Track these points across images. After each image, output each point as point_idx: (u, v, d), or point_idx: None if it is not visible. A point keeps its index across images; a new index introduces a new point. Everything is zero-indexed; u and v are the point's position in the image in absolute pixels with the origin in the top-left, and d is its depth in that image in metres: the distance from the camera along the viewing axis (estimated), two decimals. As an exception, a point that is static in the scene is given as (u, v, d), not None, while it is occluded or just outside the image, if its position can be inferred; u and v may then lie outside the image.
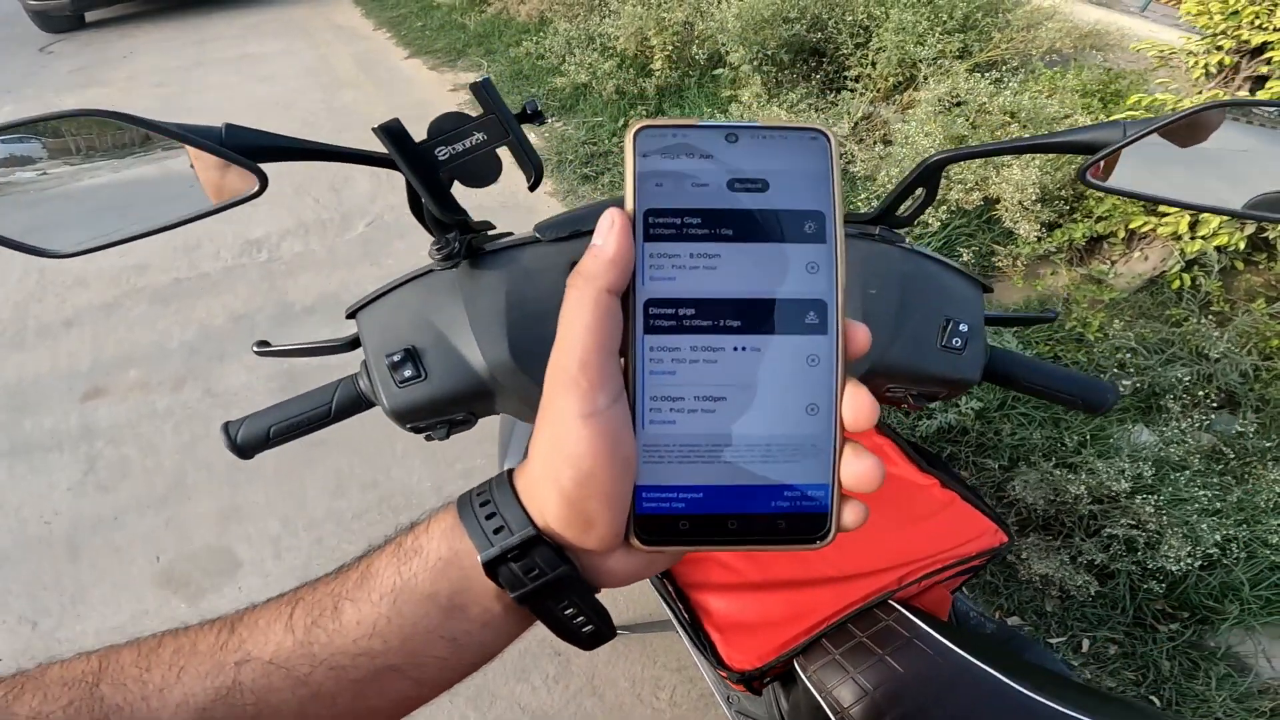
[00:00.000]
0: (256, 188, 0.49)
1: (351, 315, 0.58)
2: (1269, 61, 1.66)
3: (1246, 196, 0.47)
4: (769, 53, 2.87)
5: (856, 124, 2.66)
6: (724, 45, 2.98)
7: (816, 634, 0.82)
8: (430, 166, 0.49)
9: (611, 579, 0.32)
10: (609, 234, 0.27)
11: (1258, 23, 1.65)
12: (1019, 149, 0.49)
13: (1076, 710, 0.66)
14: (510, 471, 0.32)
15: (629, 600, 1.62)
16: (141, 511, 1.85)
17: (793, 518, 0.29)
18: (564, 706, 1.47)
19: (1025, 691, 0.69)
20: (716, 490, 0.29)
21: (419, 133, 0.50)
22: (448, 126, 0.49)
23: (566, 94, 3.56)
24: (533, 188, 0.52)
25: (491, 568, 0.30)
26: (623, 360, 0.28)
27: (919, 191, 0.56)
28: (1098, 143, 0.46)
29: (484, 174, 0.50)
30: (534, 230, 0.57)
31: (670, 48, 3.24)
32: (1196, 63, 1.80)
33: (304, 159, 0.51)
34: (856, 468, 0.29)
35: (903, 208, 0.58)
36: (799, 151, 0.28)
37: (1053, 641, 1.55)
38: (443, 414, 0.55)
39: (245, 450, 0.59)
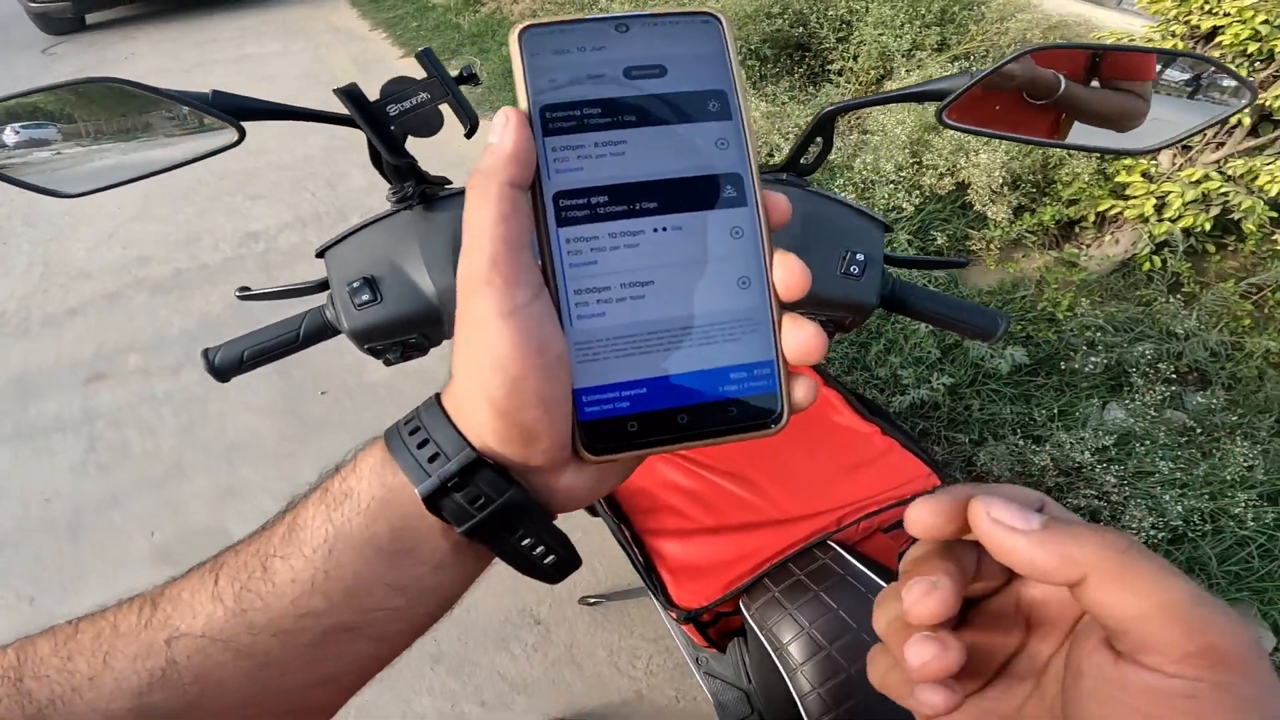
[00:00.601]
0: (236, 138, 0.57)
1: (320, 254, 0.65)
2: (1220, 46, 1.71)
3: (1070, 134, 0.54)
4: (752, 47, 2.93)
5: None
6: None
7: (759, 574, 0.87)
8: (384, 121, 0.57)
9: (566, 500, 0.29)
10: (504, 130, 0.26)
11: (1208, 8, 1.70)
12: (894, 99, 0.55)
13: None
14: (438, 395, 0.29)
15: (608, 571, 1.67)
16: (140, 491, 1.91)
17: (743, 403, 0.28)
18: (543, 675, 1.51)
19: None
20: (660, 383, 0.27)
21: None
22: (397, 88, 0.56)
23: (557, 90, 3.62)
24: (468, 135, 0.59)
25: (433, 501, 0.27)
26: (540, 262, 0.27)
27: (819, 141, 0.62)
28: (950, 89, 0.52)
29: (429, 127, 0.58)
30: None
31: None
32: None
33: (277, 118, 0.59)
34: (797, 337, 0.27)
35: (805, 158, 0.64)
36: (693, 36, 0.28)
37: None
38: (396, 335, 0.63)
39: (222, 373, 0.66)
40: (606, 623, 1.60)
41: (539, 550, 0.30)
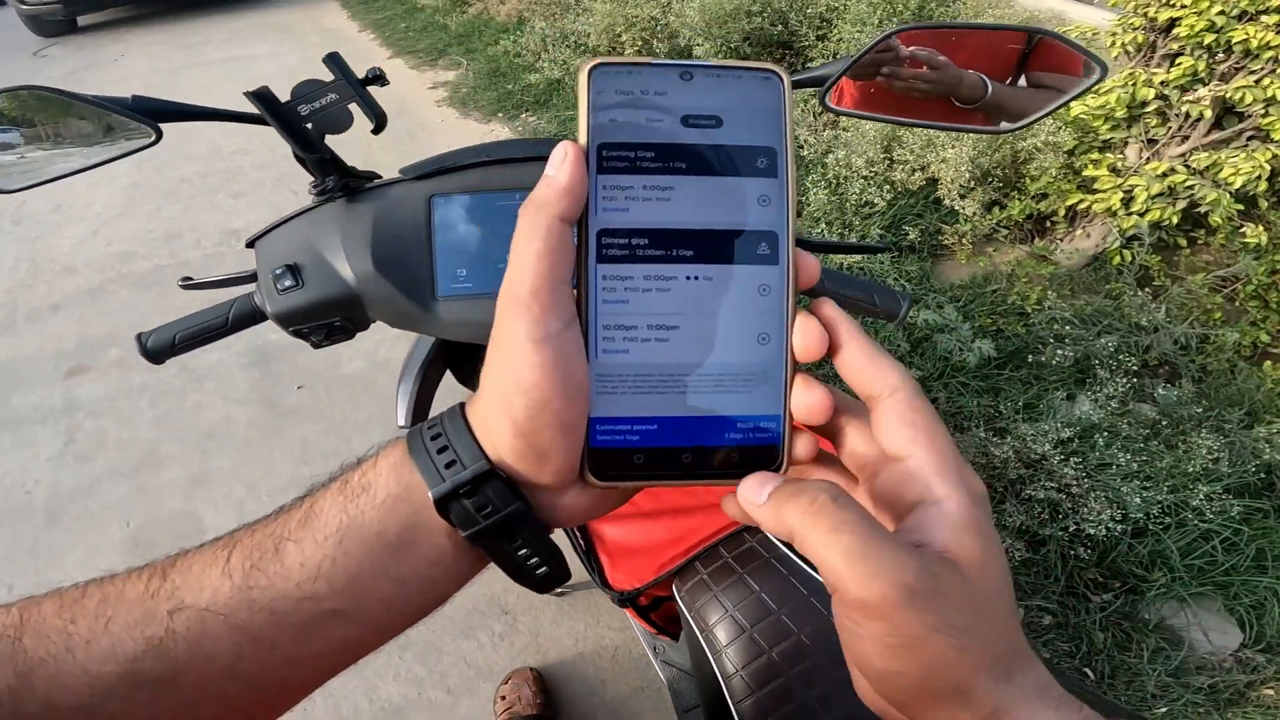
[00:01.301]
0: (153, 138, 0.60)
1: (250, 244, 0.68)
2: (1178, 38, 1.72)
3: (937, 114, 0.56)
4: (733, 46, 2.95)
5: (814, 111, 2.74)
6: (688, 39, 3.06)
7: (691, 556, 0.88)
8: (295, 120, 0.60)
9: (564, 517, 0.31)
10: (561, 165, 0.27)
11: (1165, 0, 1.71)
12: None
13: None
14: (463, 405, 0.31)
15: (574, 561, 1.68)
16: (115, 480, 1.94)
17: (746, 450, 0.29)
18: (510, 663, 1.52)
19: None
20: (670, 422, 0.29)
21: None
22: (307, 90, 0.60)
23: (540, 90, 3.65)
24: (375, 132, 0.62)
25: (443, 504, 0.29)
26: (575, 293, 0.28)
27: None
28: (827, 75, 0.54)
29: (338, 125, 0.61)
30: (399, 172, 0.66)
31: (639, 43, 3.32)
32: (1115, 42, 1.86)
33: (194, 119, 0.61)
34: (807, 399, 0.29)
35: None
36: (753, 90, 0.29)
37: (984, 609, 1.60)
38: (319, 318, 0.65)
39: (155, 355, 0.69)
40: (573, 612, 1.61)
41: (533, 561, 0.31)
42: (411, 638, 1.57)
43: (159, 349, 0.69)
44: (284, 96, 0.60)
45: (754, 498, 0.28)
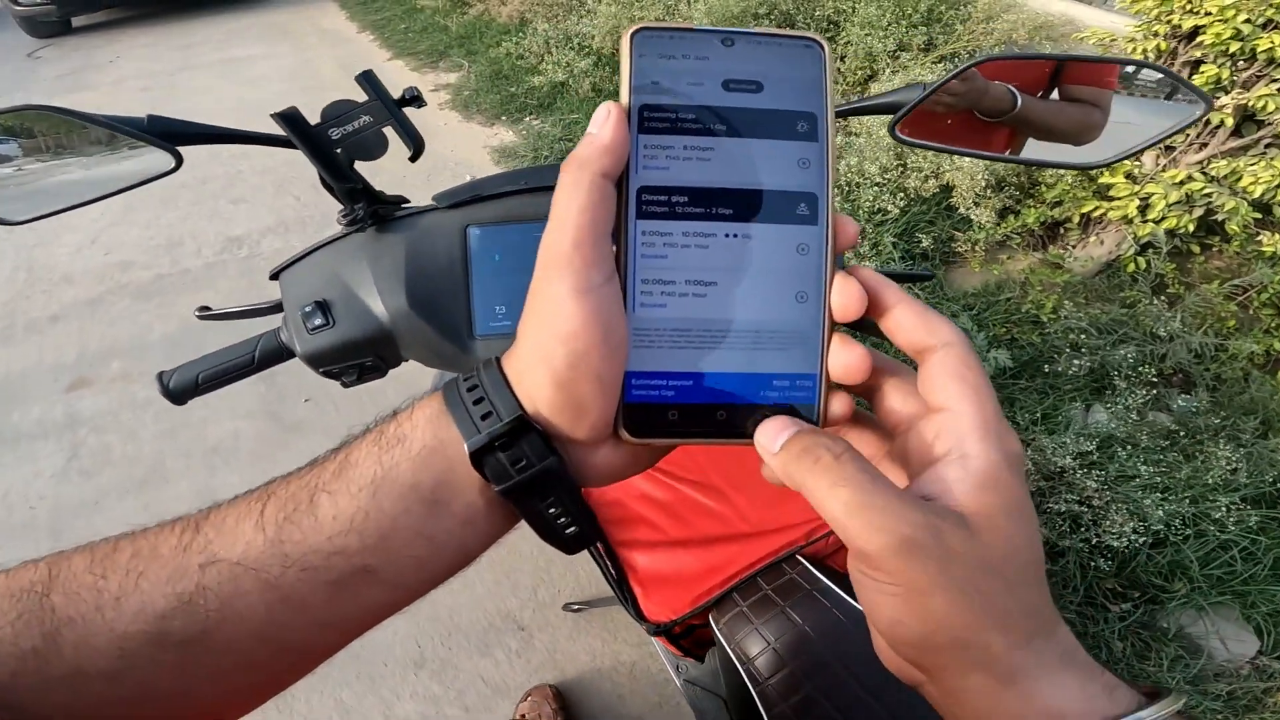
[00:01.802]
0: (172, 165, 0.56)
1: (274, 277, 0.64)
2: (1201, 45, 1.70)
3: (1025, 149, 0.53)
4: (740, 48, 2.92)
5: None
6: (696, 41, 3.03)
7: (728, 588, 0.87)
8: (325, 145, 0.56)
9: (598, 475, 0.31)
10: (604, 123, 0.27)
11: (1189, 7, 1.70)
12: (845, 113, 0.55)
13: None
14: (498, 358, 0.31)
15: (590, 577, 1.67)
16: (121, 496, 1.91)
17: (781, 409, 0.29)
18: (527, 680, 1.50)
19: None
20: (706, 378, 0.29)
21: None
22: (338, 111, 0.55)
23: (544, 92, 3.61)
24: (413, 159, 0.58)
25: (478, 457, 0.28)
26: (614, 248, 0.29)
27: None
28: (901, 102, 0.52)
29: (371, 151, 0.57)
30: (432, 199, 0.63)
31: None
32: (1135, 49, 1.85)
33: (215, 142, 0.58)
34: (845, 357, 0.29)
35: None
36: (794, 57, 0.29)
37: (1004, 620, 1.59)
38: (350, 358, 0.62)
39: (178, 396, 0.65)
40: (589, 628, 1.59)
41: (563, 520, 0.31)
42: (427, 655, 1.55)
43: (182, 389, 0.65)
44: (312, 117, 0.56)
45: (769, 444, 0.28)
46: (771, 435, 0.28)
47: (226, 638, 0.28)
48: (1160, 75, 0.51)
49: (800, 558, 0.87)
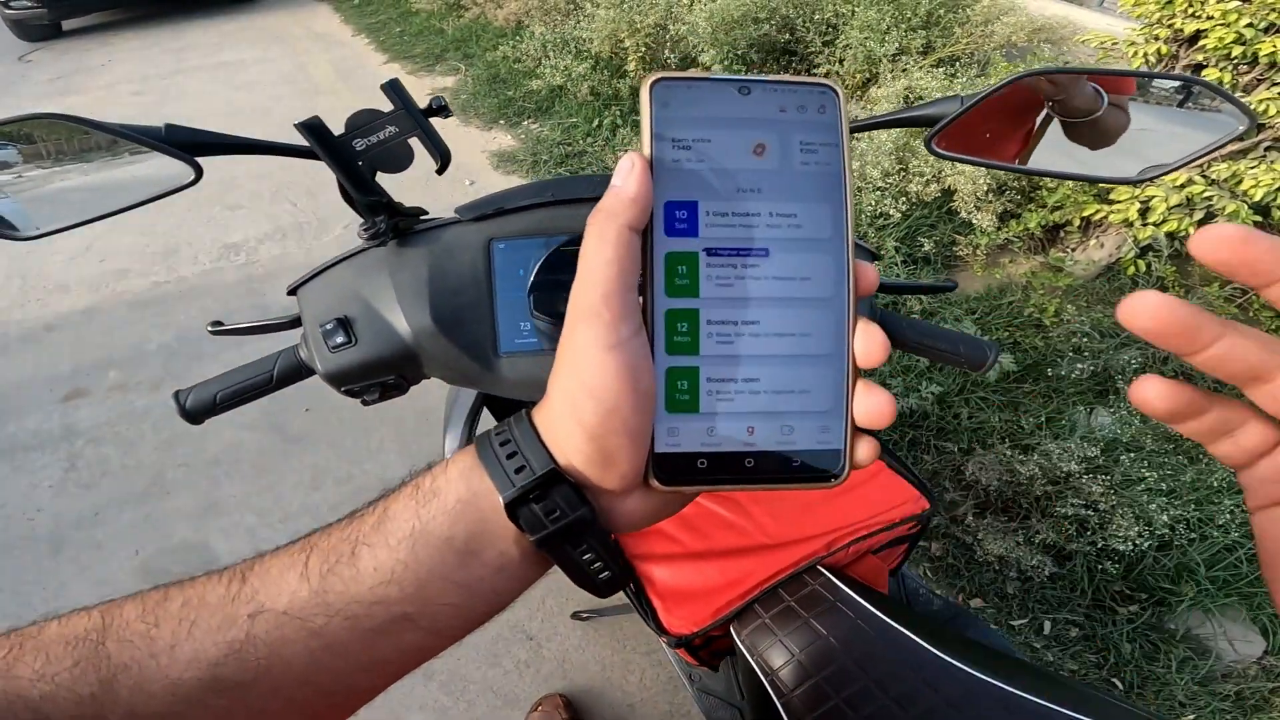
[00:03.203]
0: (192, 177, 0.55)
1: (292, 292, 0.63)
2: (1203, 50, 1.71)
3: (1058, 162, 0.53)
4: (740, 53, 2.93)
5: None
6: (696, 46, 3.03)
7: (749, 599, 0.86)
8: (349, 156, 0.54)
9: (628, 522, 0.31)
10: (629, 175, 0.28)
11: (1191, 10, 1.70)
12: (879, 125, 0.54)
13: (994, 677, 0.68)
14: (528, 410, 0.32)
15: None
16: (121, 508, 1.89)
17: (808, 455, 0.29)
18: (536, 690, 1.49)
19: (944, 656, 0.72)
20: (733, 426, 0.29)
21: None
22: (363, 121, 0.54)
23: (542, 96, 3.61)
24: (440, 171, 0.57)
25: (512, 509, 0.29)
26: (640, 300, 0.29)
27: None
28: (938, 115, 0.51)
29: (398, 161, 0.55)
30: (455, 212, 0.62)
31: (643, 49, 3.29)
32: (1136, 53, 1.86)
33: (235, 153, 0.56)
34: (869, 403, 0.29)
35: None
36: (809, 104, 0.29)
37: (1015, 624, 1.58)
38: (372, 377, 0.61)
39: (195, 416, 0.63)
40: (599, 637, 1.59)
41: (596, 565, 0.32)
42: (435, 666, 1.53)
43: (199, 409, 0.64)
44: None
45: None
46: None
47: (273, 682, 0.29)
48: (1204, 89, 0.50)
49: (822, 568, 0.86)
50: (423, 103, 0.56)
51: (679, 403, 0.29)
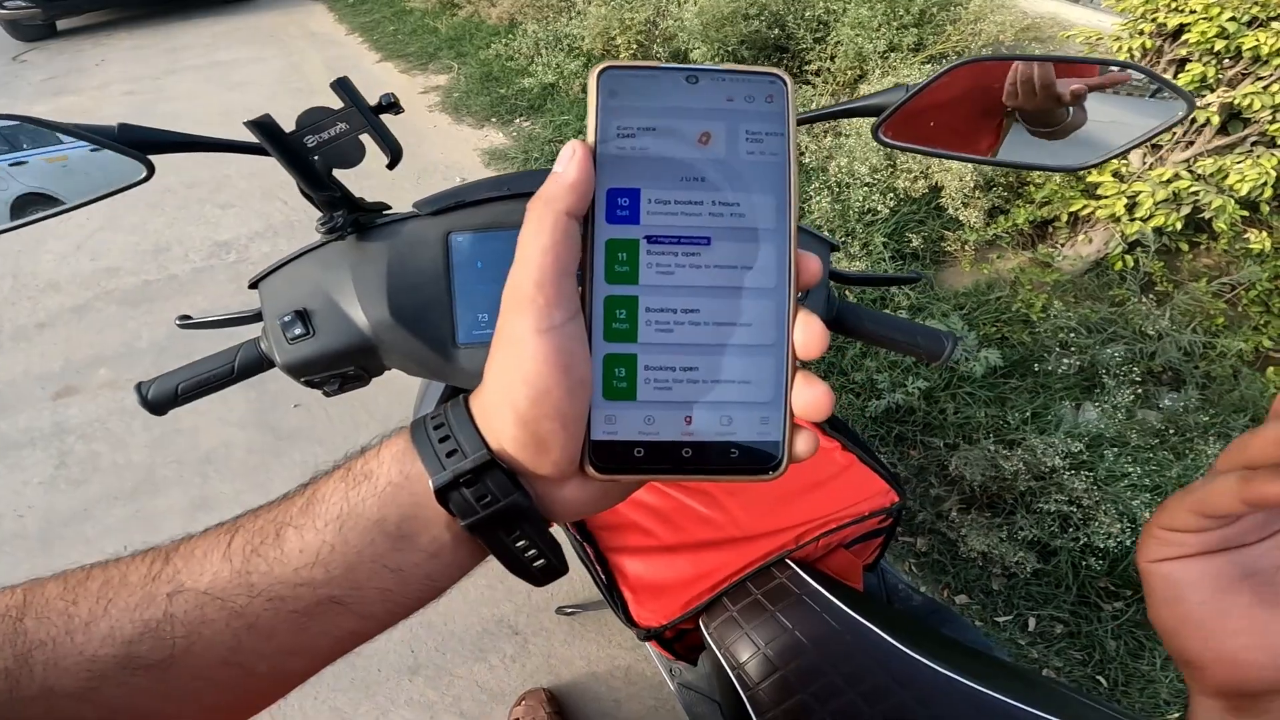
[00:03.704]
0: (144, 174, 0.55)
1: (253, 285, 0.63)
2: (1187, 44, 1.71)
3: (1004, 150, 0.53)
4: (730, 49, 2.93)
5: (814, 117, 2.72)
6: (686, 43, 3.04)
7: (718, 592, 0.86)
8: (300, 153, 0.55)
9: (565, 510, 0.31)
10: (570, 162, 0.28)
11: (1174, 5, 1.70)
12: (826, 116, 0.54)
13: (965, 675, 0.69)
14: (465, 396, 0.31)
15: (584, 581, 1.66)
16: (111, 504, 1.90)
17: (746, 447, 0.29)
18: (522, 685, 1.50)
19: (912, 653, 0.72)
20: (671, 415, 0.29)
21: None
22: (313, 119, 0.55)
23: (535, 94, 3.61)
24: (390, 167, 0.57)
25: (443, 494, 0.29)
26: (580, 287, 0.29)
27: None
28: (885, 104, 0.51)
29: (348, 158, 0.56)
30: (413, 206, 0.62)
31: (634, 46, 3.29)
32: (1121, 47, 1.86)
33: (187, 150, 0.57)
34: (807, 395, 0.29)
35: None
36: (757, 93, 0.29)
37: (1000, 620, 1.58)
38: (331, 368, 0.61)
39: (157, 407, 0.64)
40: (584, 632, 1.59)
41: (531, 553, 0.32)
42: (421, 661, 1.54)
43: (160, 400, 0.64)
44: (286, 116, 0.54)
45: None
46: None
47: (194, 663, 0.29)
48: (1142, 75, 0.51)
49: (789, 562, 0.86)
50: (420, 104, 0.57)
51: (616, 390, 0.29)
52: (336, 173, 0.58)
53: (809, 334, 0.29)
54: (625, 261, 0.29)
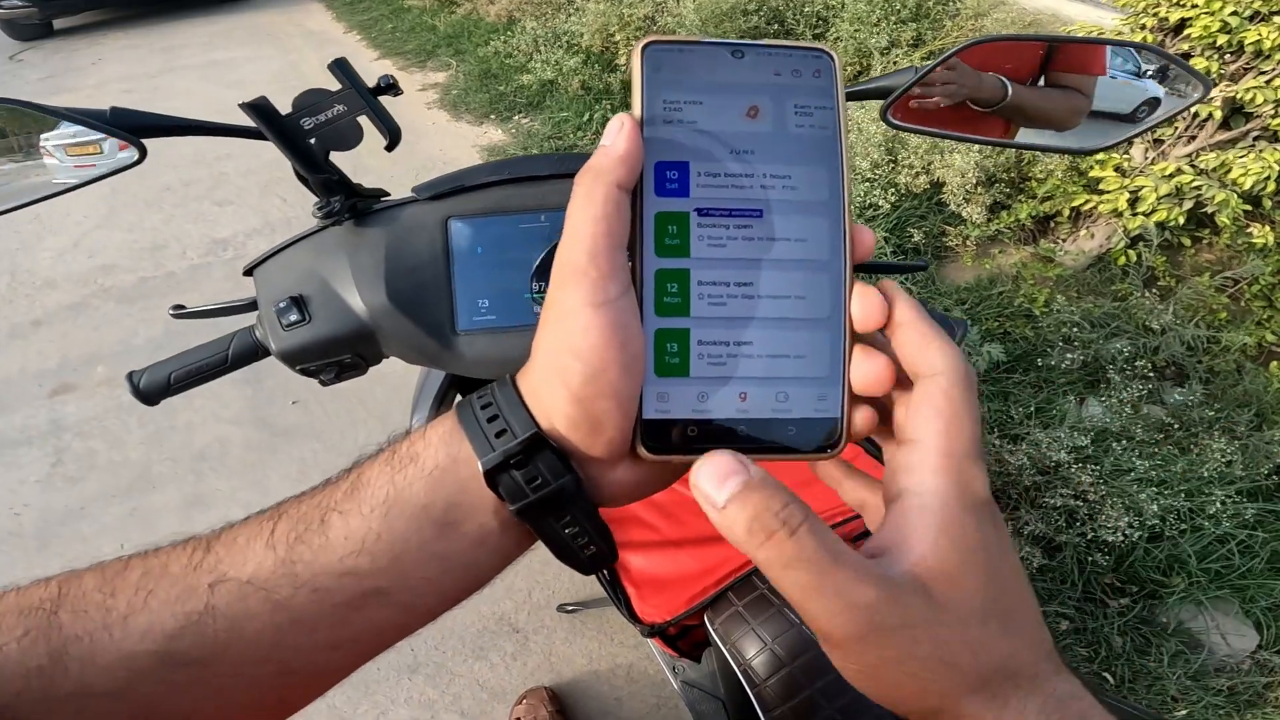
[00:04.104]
0: (136, 157, 0.55)
1: (248, 272, 0.62)
2: (1189, 38, 1.71)
3: (1018, 134, 0.52)
4: (729, 45, 2.91)
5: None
6: (685, 38, 3.03)
7: (723, 587, 0.85)
8: (297, 136, 0.54)
9: (615, 494, 0.30)
10: (618, 135, 0.27)
11: (1176, 0, 1.70)
12: None
13: None
14: (513, 375, 0.30)
15: (584, 579, 1.65)
16: (108, 502, 1.88)
17: (804, 423, 0.28)
18: (523, 683, 1.49)
19: None
20: (726, 392, 0.28)
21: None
22: (310, 100, 0.54)
23: (534, 91, 3.60)
24: (389, 148, 0.56)
25: (492, 476, 0.28)
26: (630, 262, 0.28)
27: None
28: (892, 86, 0.50)
29: (346, 139, 0.55)
30: (412, 191, 0.61)
31: (633, 42, 3.28)
32: (1123, 42, 1.85)
33: (181, 134, 0.56)
34: (867, 369, 0.28)
35: None
36: (804, 68, 0.29)
37: (1006, 615, 1.58)
38: (328, 355, 0.60)
39: (149, 396, 0.63)
40: (585, 630, 1.58)
41: (582, 540, 0.30)
42: (420, 659, 1.53)
43: (152, 389, 0.63)
44: (284, 108, 0.54)
45: (712, 493, 0.25)
46: (714, 482, 0.25)
47: (235, 659, 0.28)
48: (1156, 57, 0.50)
49: (797, 556, 0.85)
50: (416, 90, 0.55)
51: (669, 366, 0.28)
52: (334, 156, 0.57)
53: (867, 306, 0.28)
54: (676, 234, 0.28)
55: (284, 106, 0.53)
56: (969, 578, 0.25)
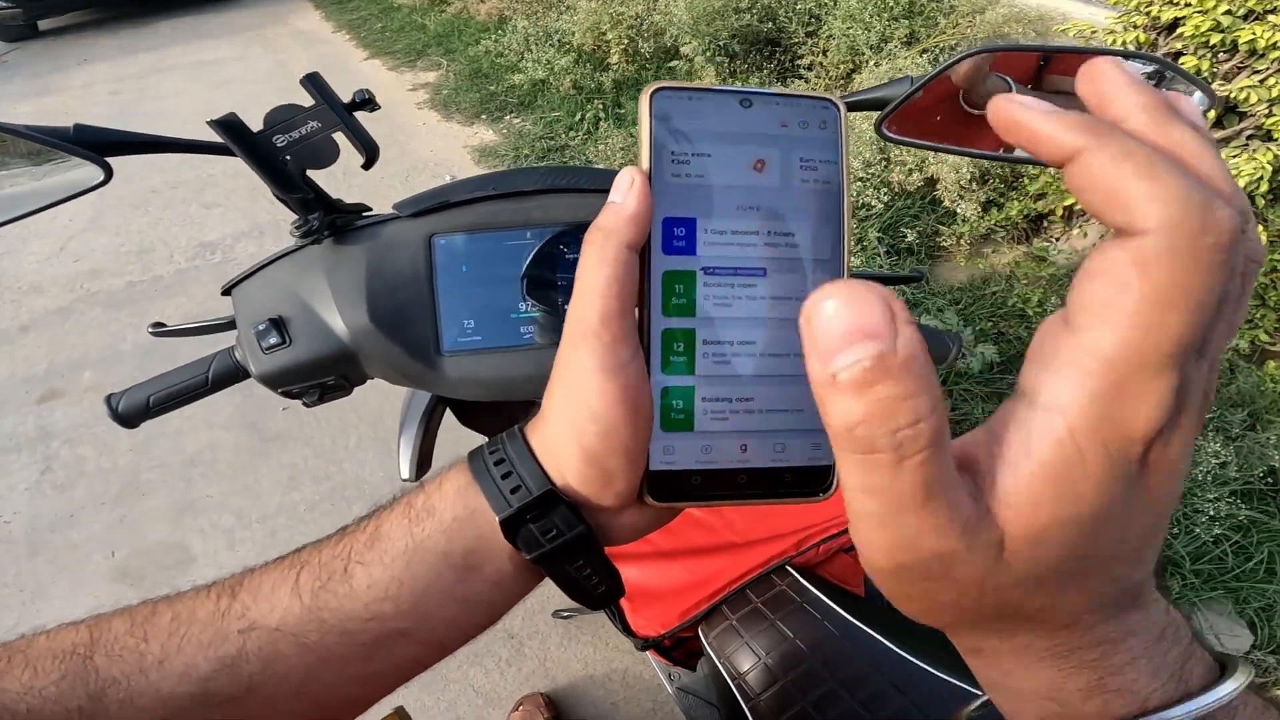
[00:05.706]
0: (101, 178, 0.52)
1: (226, 292, 0.61)
2: (1181, 37, 1.70)
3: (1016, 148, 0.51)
4: (722, 43, 2.90)
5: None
6: (676, 37, 3.01)
7: (717, 601, 0.84)
8: (269, 153, 0.52)
9: (622, 536, 0.32)
10: (628, 192, 0.27)
11: (1169, -2, 1.69)
12: None
13: (966, 681, 0.67)
14: (522, 428, 0.32)
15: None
16: (97, 509, 1.87)
17: (799, 471, 0.30)
18: (518, 689, 1.48)
19: (912, 659, 0.71)
20: (727, 443, 0.29)
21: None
22: (282, 117, 0.52)
23: (525, 90, 3.58)
24: (366, 167, 0.55)
25: (509, 528, 0.30)
26: (636, 316, 0.29)
27: None
28: (889, 98, 0.49)
29: (320, 157, 0.53)
30: (394, 208, 0.60)
31: (626, 41, 3.26)
32: (1115, 40, 1.84)
33: (147, 151, 0.54)
34: None
35: None
36: (810, 118, 0.29)
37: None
38: (310, 378, 0.59)
39: (128, 420, 0.61)
40: (580, 635, 1.58)
41: (593, 580, 0.32)
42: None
43: (131, 412, 0.61)
44: (255, 125, 0.52)
45: (830, 348, 0.19)
46: (841, 334, 0.19)
47: (267, 695, 0.30)
48: (1156, 68, 0.49)
49: (790, 569, 0.85)
50: (406, 101, 0.54)
51: (674, 422, 0.29)
52: (311, 173, 0.56)
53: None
54: (682, 294, 0.28)
55: (281, 103, 0.51)
56: (1060, 545, 0.19)
